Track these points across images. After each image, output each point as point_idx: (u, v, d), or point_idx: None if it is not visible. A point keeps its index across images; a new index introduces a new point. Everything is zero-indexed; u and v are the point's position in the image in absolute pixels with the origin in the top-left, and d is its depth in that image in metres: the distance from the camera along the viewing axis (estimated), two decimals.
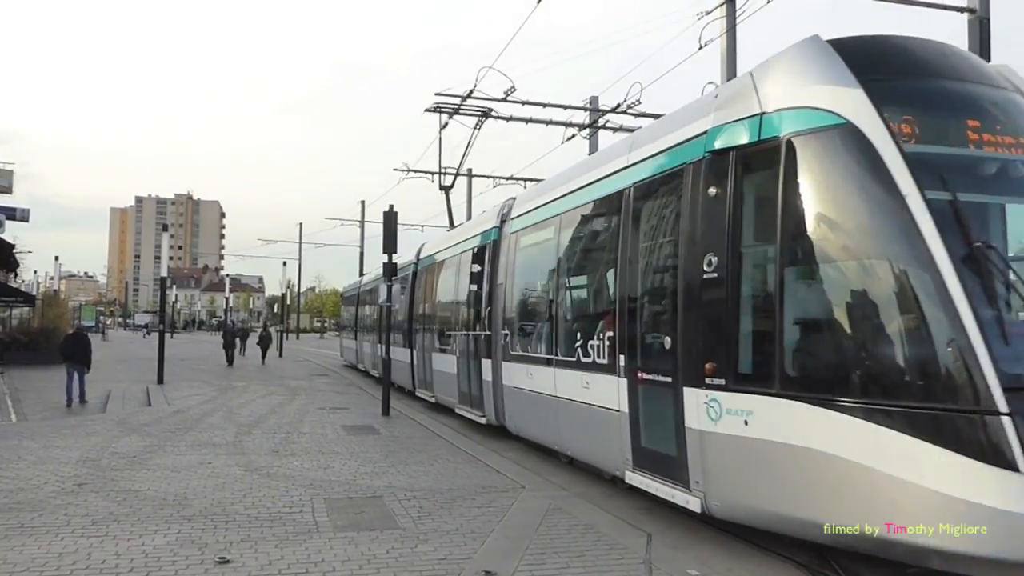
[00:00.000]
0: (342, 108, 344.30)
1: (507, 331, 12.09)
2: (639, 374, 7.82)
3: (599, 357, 8.75)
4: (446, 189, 22.28)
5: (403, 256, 21.67)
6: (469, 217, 28.01)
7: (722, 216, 6.58)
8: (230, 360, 32.63)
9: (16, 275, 39.89)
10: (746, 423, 6.18)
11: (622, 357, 8.14)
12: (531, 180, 26.59)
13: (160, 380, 22.35)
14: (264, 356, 35.74)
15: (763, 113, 6.38)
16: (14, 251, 35.97)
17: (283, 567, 6.01)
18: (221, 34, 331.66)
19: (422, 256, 19.66)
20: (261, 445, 11.76)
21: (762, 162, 6.43)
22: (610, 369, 8.37)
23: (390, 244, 16.45)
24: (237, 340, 39.69)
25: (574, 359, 9.43)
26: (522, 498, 8.49)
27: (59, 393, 18.61)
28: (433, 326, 17.48)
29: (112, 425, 13.77)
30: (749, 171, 6.56)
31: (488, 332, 12.82)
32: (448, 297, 16.24)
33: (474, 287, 13.91)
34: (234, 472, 9.66)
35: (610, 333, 8.46)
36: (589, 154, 18.85)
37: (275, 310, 76.56)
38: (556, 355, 10.05)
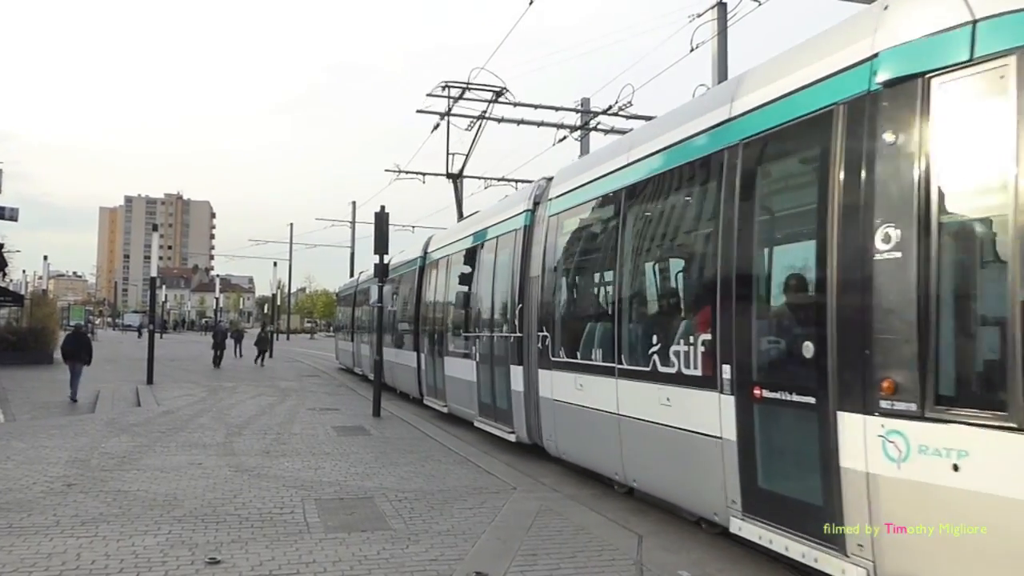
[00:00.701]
0: (333, 109, 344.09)
1: (545, 332, 10.10)
2: (756, 391, 5.93)
3: (688, 366, 6.86)
4: (454, 178, 20.55)
5: (406, 251, 20.89)
6: (461, 218, 27.91)
7: (909, 173, 4.75)
8: (217, 361, 31.64)
9: (4, 275, 39.63)
10: (956, 468, 4.34)
11: (727, 367, 6.25)
12: (522, 181, 26.59)
13: (150, 380, 22.24)
14: (261, 358, 34.97)
15: (975, 20, 4.56)
16: (2, 250, 35.80)
17: (274, 568, 5.99)
18: (213, 34, 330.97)
19: (431, 249, 17.63)
20: (251, 446, 11.72)
21: (977, 91, 4.61)
22: (707, 383, 6.51)
23: (381, 245, 16.42)
24: (232, 341, 39.49)
25: (647, 368, 7.50)
26: (513, 499, 8.50)
27: (47, 393, 18.65)
28: (445, 327, 15.66)
29: (101, 425, 13.70)
30: (952, 106, 4.69)
31: (519, 334, 10.95)
32: (465, 294, 14.39)
33: (499, 282, 12.28)
34: (224, 473, 9.62)
35: (706, 335, 6.58)
36: (580, 156, 18.88)
37: (265, 310, 76.36)
38: (620, 362, 8.07)
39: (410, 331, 18.58)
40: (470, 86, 18.31)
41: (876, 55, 5.05)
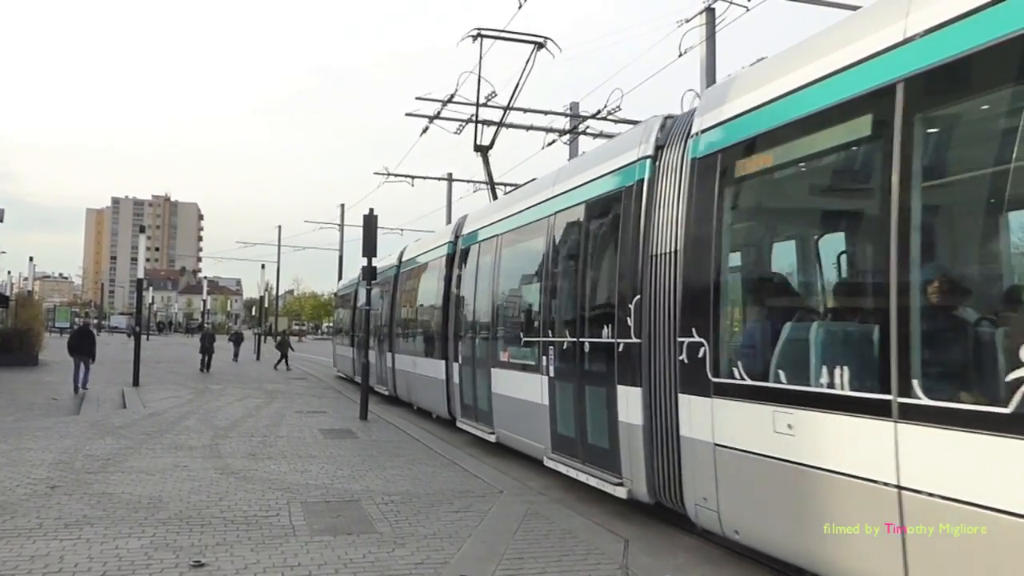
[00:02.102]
0: (322, 111, 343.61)
1: (698, 338, 6.51)
2: None
3: None
4: (483, 150, 17.23)
5: (423, 239, 19.29)
6: (450, 222, 27.92)
7: None
8: (206, 365, 30.50)
9: None
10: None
11: None
12: (510, 185, 26.61)
13: (136, 382, 22.12)
14: (285, 362, 34.25)
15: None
16: None
17: (259, 571, 5.97)
18: (202, 35, 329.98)
19: (469, 231, 14.06)
20: (238, 448, 11.68)
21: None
22: None
23: (370, 248, 16.40)
24: (231, 345, 39.05)
25: (997, 407, 4.04)
26: (500, 503, 8.50)
27: (32, 395, 18.66)
28: (494, 329, 12.13)
29: (86, 427, 13.62)
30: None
31: (633, 340, 7.64)
32: (529, 285, 11.19)
33: (594, 265, 8.98)
34: (210, 475, 9.58)
35: None
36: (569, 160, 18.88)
37: (253, 312, 76.11)
38: (905, 392, 4.58)
39: (436, 334, 15.36)
40: (506, 33, 16.13)
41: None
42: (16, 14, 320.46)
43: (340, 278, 64.94)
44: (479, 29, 15.46)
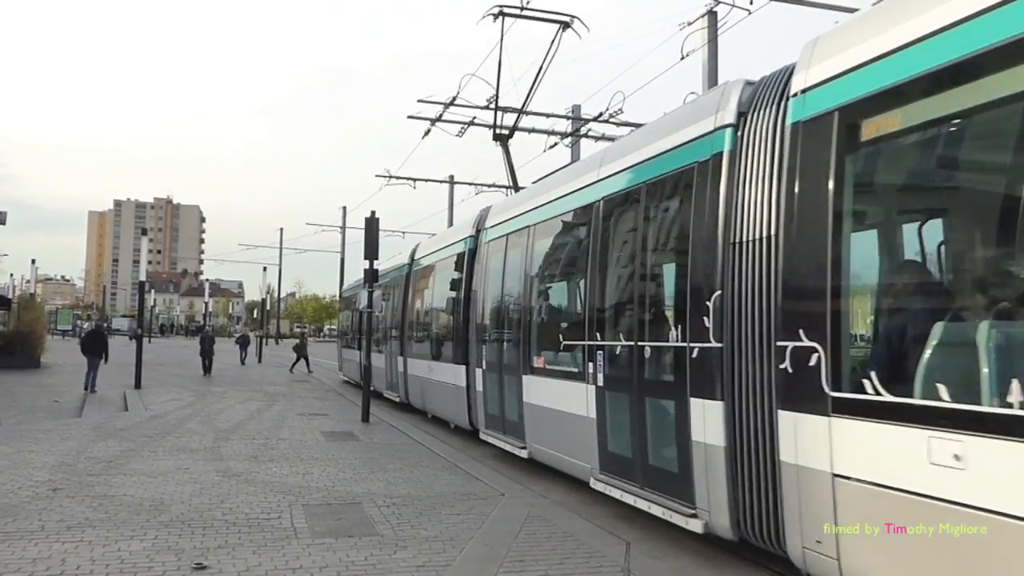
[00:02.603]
0: (324, 114, 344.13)
1: (804, 343, 5.32)
2: None
3: None
4: (503, 139, 16.14)
5: (439, 234, 17.86)
6: (451, 224, 27.91)
7: None
8: (207, 369, 29.96)
9: None
10: None
11: None
12: (512, 188, 26.60)
13: (138, 385, 22.15)
14: (306, 364, 34.44)
15: None
16: None
17: (260, 573, 5.98)
18: (204, 37, 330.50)
19: (489, 225, 12.80)
20: (239, 451, 11.68)
21: None
22: None
23: (371, 250, 16.41)
24: (238, 348, 38.93)
25: None
26: (501, 505, 8.49)
27: (34, 398, 18.75)
28: (525, 331, 10.68)
29: (88, 430, 13.63)
30: None
31: (709, 344, 6.40)
32: (565, 283, 10.23)
33: (652, 258, 7.76)
34: (212, 478, 9.59)
35: None
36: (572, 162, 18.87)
37: (255, 315, 76.21)
38: None
39: (454, 337, 14.26)
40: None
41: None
42: (18, 16, 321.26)
43: (342, 281, 64.68)
44: (500, 7, 14.72)
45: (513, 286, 11.43)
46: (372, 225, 16.45)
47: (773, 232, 5.84)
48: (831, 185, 5.25)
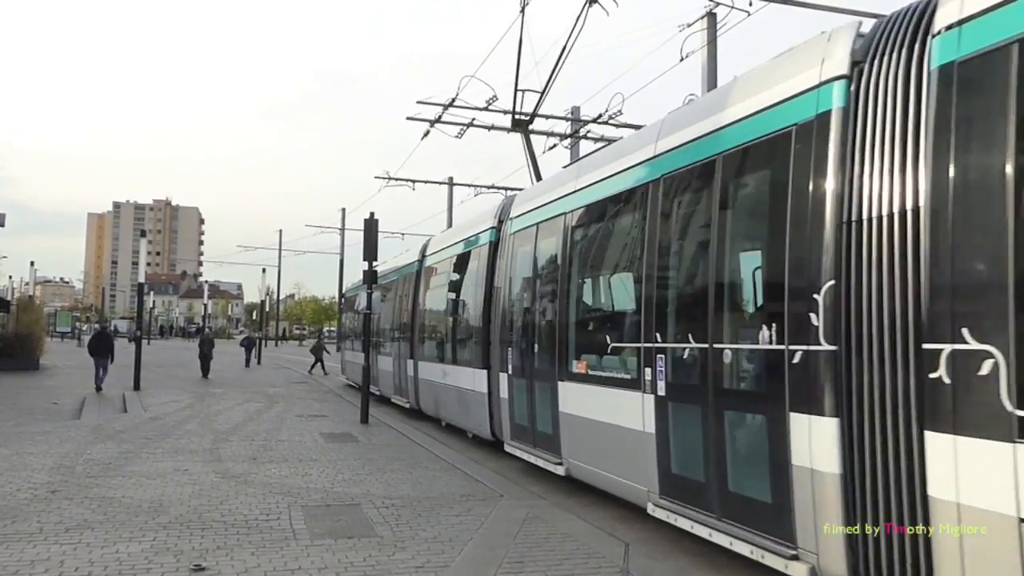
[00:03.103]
0: (323, 116, 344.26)
1: (971, 346, 4.29)
2: None
3: None
4: (523, 125, 14.84)
5: (456, 228, 16.68)
6: (450, 226, 27.89)
7: None
8: (206, 372, 29.24)
9: None
10: None
11: None
12: (512, 189, 26.63)
13: (137, 386, 22.14)
14: (321, 366, 34.55)
15: None
16: None
17: (259, 575, 5.97)
18: (203, 39, 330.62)
19: (514, 214, 11.54)
20: (238, 452, 11.68)
21: None
22: None
23: (370, 252, 16.41)
24: (243, 350, 38.82)
25: None
26: (501, 506, 8.49)
27: (33, 400, 18.90)
28: (558, 332, 9.42)
29: (87, 432, 13.62)
30: None
31: (819, 347, 5.29)
32: (612, 275, 8.94)
33: (732, 243, 6.58)
34: (211, 479, 9.58)
35: None
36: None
37: (254, 316, 76.12)
38: None
39: (474, 338, 13.03)
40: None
41: None
42: (17, 18, 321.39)
43: (341, 282, 64.56)
44: None
45: (545, 281, 10.23)
46: (371, 227, 16.46)
47: (914, 205, 4.71)
48: (1011, 140, 4.13)
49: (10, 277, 62.41)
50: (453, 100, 18.55)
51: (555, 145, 20.14)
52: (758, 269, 6.19)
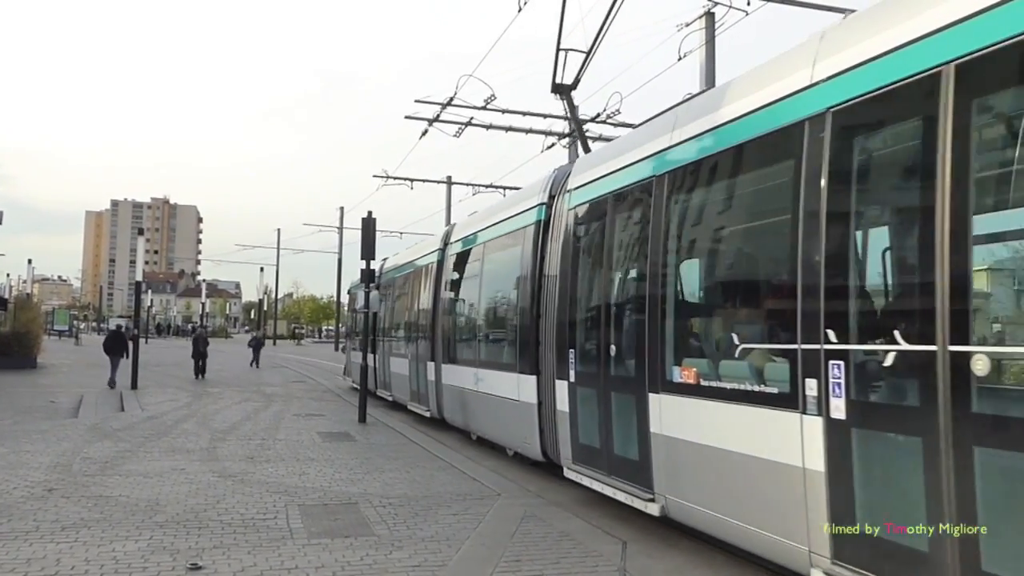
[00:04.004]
0: (322, 115, 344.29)
1: None
2: None
3: None
4: (565, 89, 12.49)
5: (488, 209, 13.94)
6: (449, 223, 27.85)
7: None
8: (200, 371, 28.22)
9: None
10: None
11: None
12: (510, 188, 26.65)
13: (134, 385, 22.10)
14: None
15: None
16: None
17: (256, 574, 5.97)
18: (201, 38, 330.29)
19: (574, 185, 9.39)
20: (235, 451, 11.66)
21: None
22: None
23: (368, 251, 16.40)
24: (251, 351, 38.63)
25: None
26: (498, 505, 8.48)
27: (30, 398, 19.08)
28: (647, 329, 7.26)
29: (84, 430, 13.61)
30: None
31: None
32: (743, 251, 6.99)
33: (980, 195, 4.42)
34: (208, 478, 9.57)
35: None
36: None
37: (252, 315, 76.09)
38: None
39: (518, 337, 10.87)
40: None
41: None
42: (14, 16, 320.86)
43: (339, 281, 64.52)
44: None
45: (625, 262, 8.23)
46: (369, 225, 16.44)
47: None
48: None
49: (8, 275, 62.45)
50: (451, 99, 18.61)
51: (553, 144, 20.21)
52: None
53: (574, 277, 9.15)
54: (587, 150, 12.07)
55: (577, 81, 12.51)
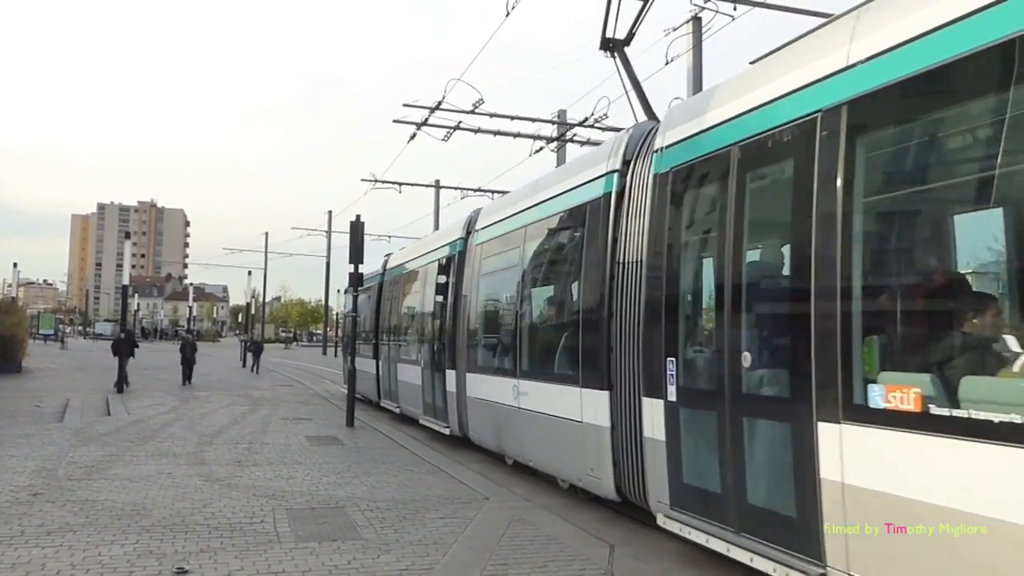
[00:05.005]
0: (310, 119, 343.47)
1: None
2: None
3: None
4: (616, 45, 10.42)
5: (542, 181, 10.84)
6: (437, 228, 27.88)
7: None
8: (187, 377, 27.42)
9: None
10: None
11: None
12: (498, 192, 26.67)
13: (120, 389, 22.00)
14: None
15: None
16: None
17: None
18: (190, 41, 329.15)
19: (671, 142, 7.14)
20: (222, 455, 11.62)
21: None
22: None
23: (356, 254, 16.39)
24: (251, 355, 38.12)
25: None
26: (485, 509, 8.49)
27: (15, 403, 18.97)
28: (845, 318, 4.90)
29: (70, 435, 13.53)
30: None
31: None
32: None
33: None
34: (194, 482, 9.54)
35: None
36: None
37: (239, 319, 75.71)
38: None
39: (576, 344, 8.64)
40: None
41: None
42: (1, 20, 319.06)
43: (327, 284, 64.21)
44: None
45: (770, 234, 6.31)
46: (357, 229, 16.43)
47: None
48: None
49: None
50: (440, 103, 18.60)
51: (541, 148, 20.23)
52: None
53: (672, 262, 6.95)
54: (650, 114, 9.62)
55: (631, 35, 10.57)
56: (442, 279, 14.19)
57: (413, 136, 20.84)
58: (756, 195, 6.07)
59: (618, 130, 12.64)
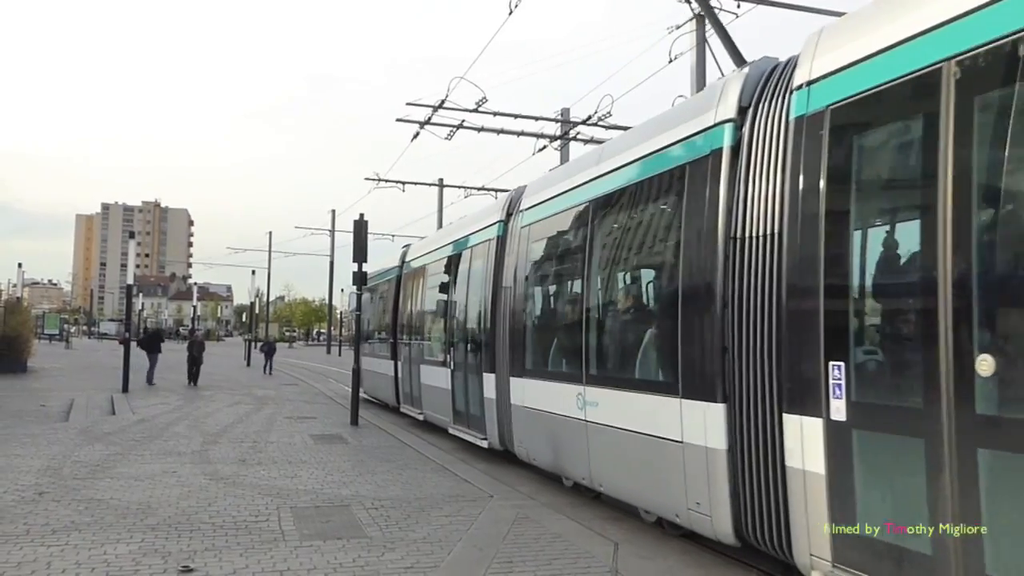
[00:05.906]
0: (314, 118, 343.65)
1: None
2: None
3: None
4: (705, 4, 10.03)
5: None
6: (441, 226, 27.86)
7: None
8: (193, 377, 27.04)
9: None
10: None
11: None
12: (501, 191, 26.65)
13: (125, 389, 22.03)
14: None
15: None
16: None
17: None
18: (193, 41, 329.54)
19: (843, 65, 5.05)
20: (227, 454, 11.64)
21: None
22: None
23: (360, 253, 16.40)
24: (264, 357, 37.91)
25: None
26: (490, 507, 8.49)
27: (21, 402, 18.97)
28: None
29: (75, 434, 13.55)
30: None
31: None
32: None
33: None
34: (199, 481, 9.55)
35: None
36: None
37: (243, 318, 75.85)
38: None
39: (668, 344, 7.02)
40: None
41: None
42: (3, 20, 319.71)
43: (331, 283, 64.26)
44: None
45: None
46: (360, 228, 16.44)
47: None
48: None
49: None
50: (443, 102, 18.59)
51: (544, 147, 20.22)
52: None
53: (836, 233, 5.14)
54: (738, 59, 8.35)
55: None
56: (477, 269, 12.40)
57: (416, 135, 20.85)
58: (989, 129, 4.14)
59: (624, 128, 12.47)
